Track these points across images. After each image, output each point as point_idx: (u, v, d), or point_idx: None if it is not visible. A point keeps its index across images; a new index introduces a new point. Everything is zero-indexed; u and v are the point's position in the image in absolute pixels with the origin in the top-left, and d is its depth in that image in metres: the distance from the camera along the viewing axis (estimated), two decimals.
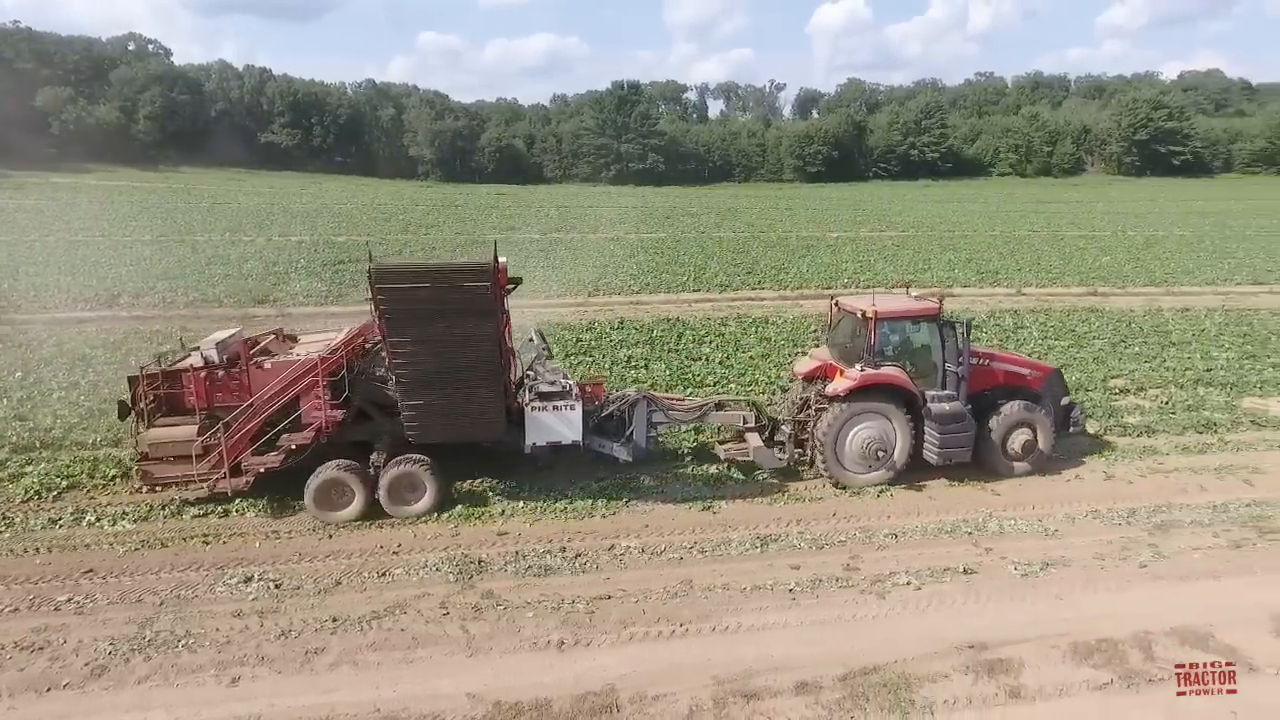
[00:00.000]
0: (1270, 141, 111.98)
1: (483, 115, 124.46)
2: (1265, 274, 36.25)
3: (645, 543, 11.68)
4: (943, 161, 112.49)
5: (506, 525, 12.24)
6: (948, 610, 9.96)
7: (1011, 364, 14.86)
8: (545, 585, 10.51)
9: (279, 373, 12.41)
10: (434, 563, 11.01)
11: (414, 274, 11.38)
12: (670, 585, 10.47)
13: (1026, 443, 13.92)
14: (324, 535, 11.88)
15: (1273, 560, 11.22)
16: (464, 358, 11.76)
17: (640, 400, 13.70)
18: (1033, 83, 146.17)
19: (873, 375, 13.26)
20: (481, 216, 59.74)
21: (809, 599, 10.19)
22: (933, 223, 57.16)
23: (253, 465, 12.30)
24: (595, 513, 12.66)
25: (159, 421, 12.53)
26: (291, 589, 10.42)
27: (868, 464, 13.56)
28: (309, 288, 31.98)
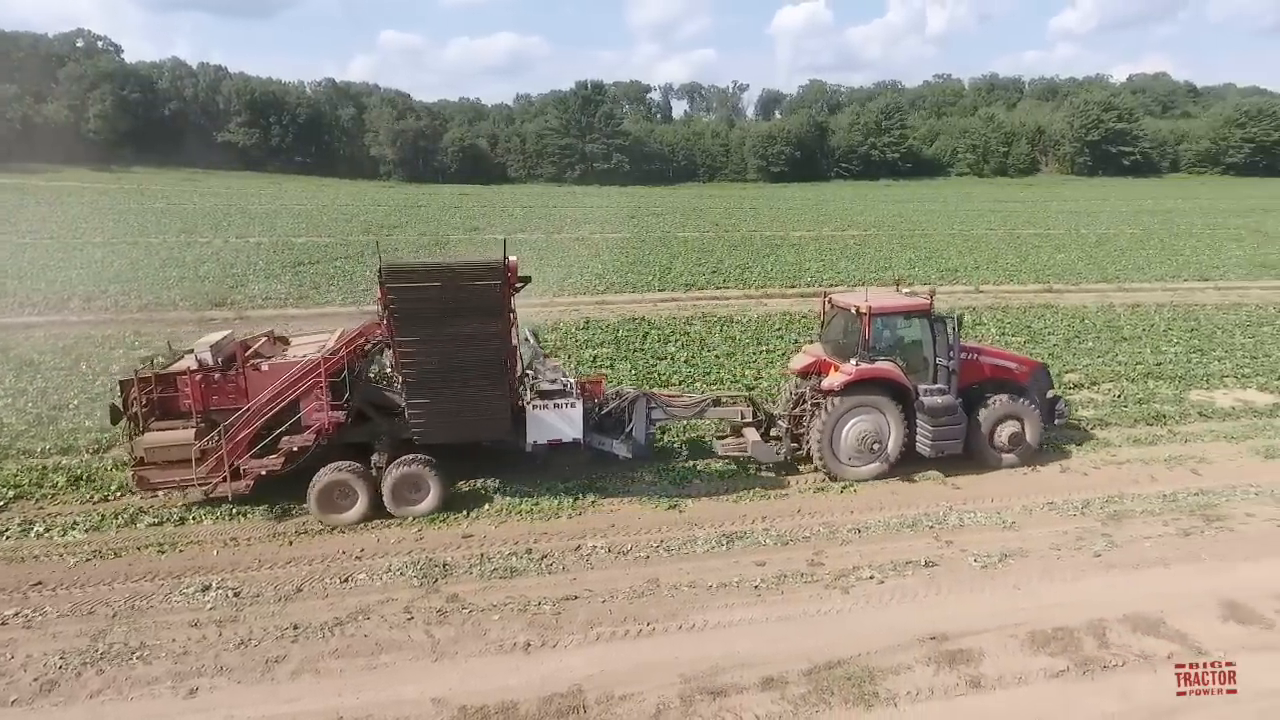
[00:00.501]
0: (1214, 143, 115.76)
1: (445, 115, 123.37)
2: (1210, 271, 37.44)
3: (611, 542, 11.66)
4: (903, 162, 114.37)
5: (472, 528, 12.14)
6: (910, 603, 10.11)
7: (999, 358, 15.16)
8: (511, 587, 10.44)
9: (277, 375, 12.26)
10: (397, 567, 10.88)
11: (425, 273, 11.32)
12: (637, 584, 10.48)
13: (1014, 435, 14.28)
14: (284, 541, 11.67)
15: (1219, 547, 11.59)
16: (472, 356, 11.75)
17: (640, 398, 13.79)
18: (989, 84, 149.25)
19: (867, 370, 13.51)
20: (445, 217, 59.19)
21: (774, 595, 10.26)
22: (893, 222, 58.03)
23: (253, 468, 12.15)
24: (561, 513, 12.61)
25: (154, 425, 12.27)
26: (251, 597, 10.21)
27: (863, 457, 13.79)
28: (268, 290, 31.38)
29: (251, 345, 13.36)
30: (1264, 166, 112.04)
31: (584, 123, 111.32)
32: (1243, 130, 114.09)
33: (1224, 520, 12.42)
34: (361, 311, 27.93)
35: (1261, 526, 12.24)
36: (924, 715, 8.12)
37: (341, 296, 30.54)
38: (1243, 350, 22.72)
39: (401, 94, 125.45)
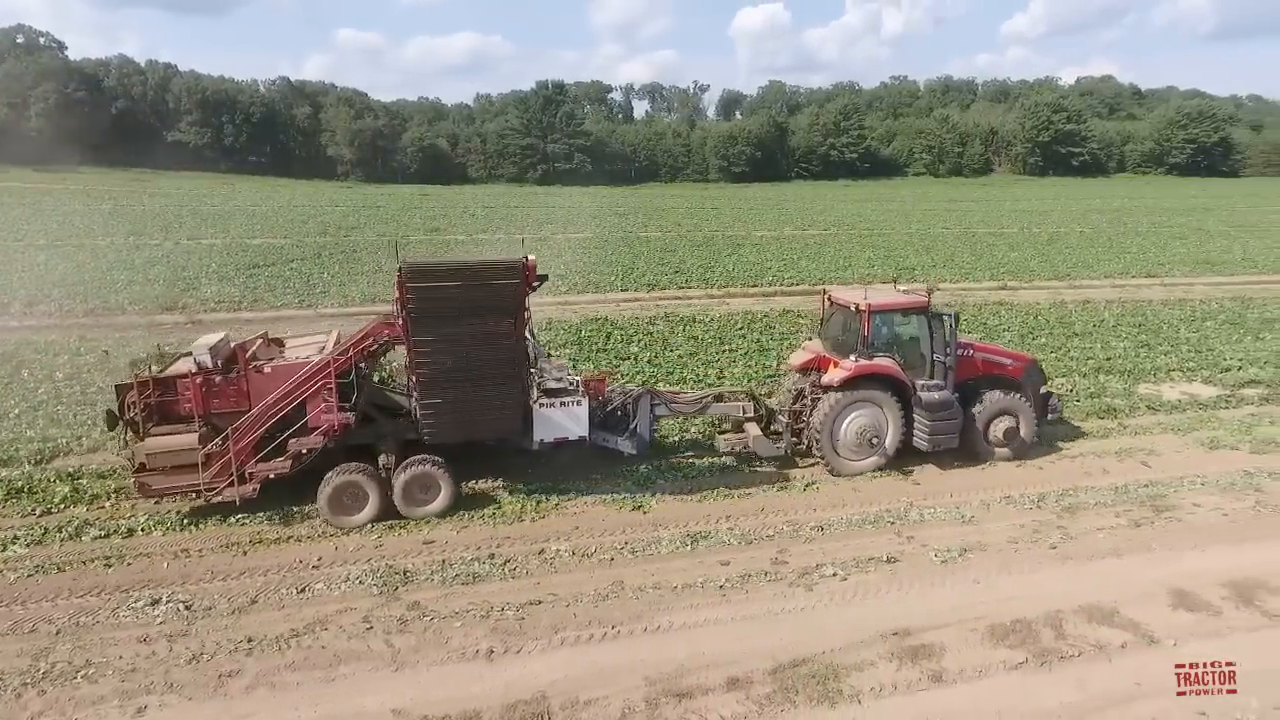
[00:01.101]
0: (1158, 144, 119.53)
1: (404, 114, 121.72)
2: (1156, 268, 38.62)
3: (576, 545, 11.57)
4: (861, 162, 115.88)
5: (433, 533, 11.93)
6: (872, 599, 10.20)
7: (993, 354, 15.48)
8: (473, 593, 10.28)
9: (280, 377, 12.07)
10: (356, 575, 10.64)
11: (446, 272, 11.29)
12: (601, 587, 10.40)
13: (1008, 430, 14.57)
14: (238, 552, 11.33)
15: (1168, 537, 11.91)
16: (489, 355, 11.79)
17: (644, 395, 13.94)
18: (943, 86, 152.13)
19: (867, 365, 13.75)
20: (404, 217, 58.39)
21: (739, 594, 10.27)
22: (853, 221, 58.78)
23: (260, 472, 11.96)
24: (525, 516, 12.47)
25: (153, 430, 11.98)
26: (203, 610, 9.90)
27: (862, 451, 14.04)
28: (221, 293, 30.60)
29: (249, 348, 13.13)
30: (1205, 166, 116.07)
31: (545, 123, 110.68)
32: (1184, 132, 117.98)
33: (1172, 511, 12.77)
34: (348, 314, 27.49)
35: (1207, 516, 12.61)
36: (887, 712, 8.18)
37: (298, 299, 29.92)
38: (1188, 345, 23.43)
39: (359, 93, 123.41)
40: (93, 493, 13.01)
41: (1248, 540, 11.80)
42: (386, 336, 12.50)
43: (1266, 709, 8.26)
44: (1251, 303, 30.22)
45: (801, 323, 26.10)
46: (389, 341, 12.65)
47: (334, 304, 29.41)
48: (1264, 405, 18.14)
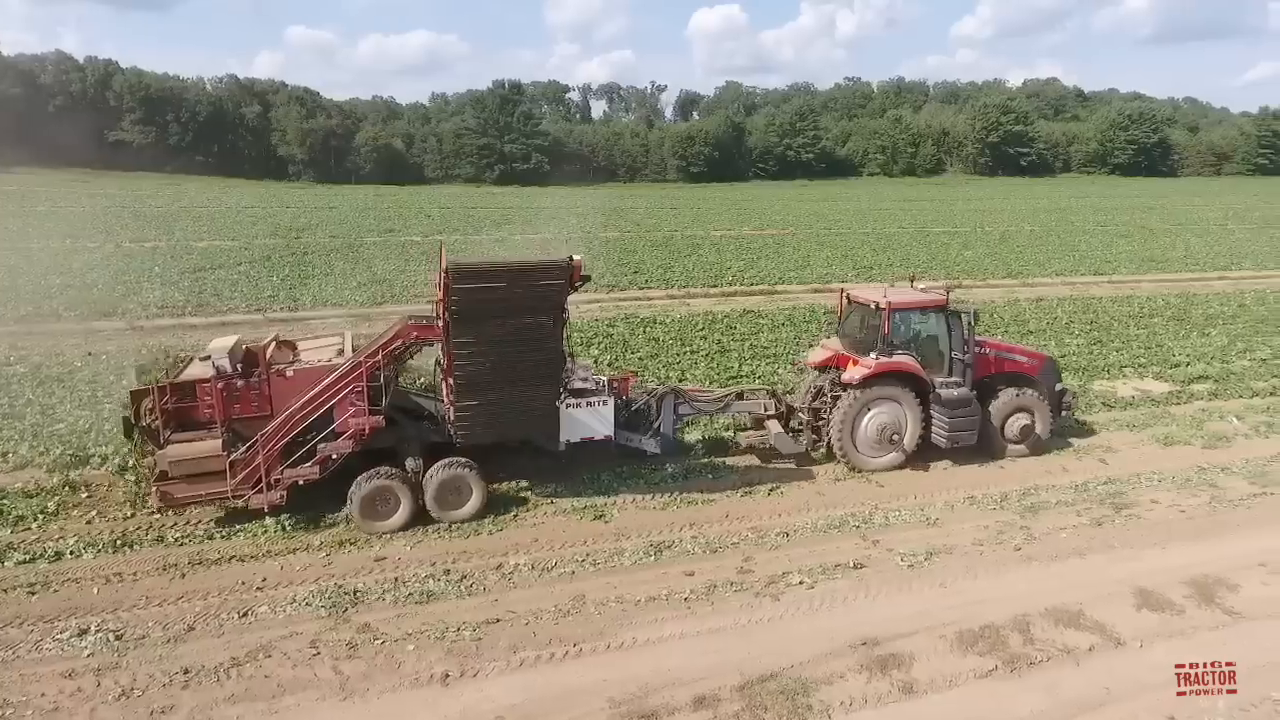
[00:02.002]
0: (1101, 144, 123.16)
1: (358, 114, 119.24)
2: (1104, 266, 39.55)
3: (535, 558, 11.15)
4: (817, 162, 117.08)
5: (385, 549, 11.39)
6: (840, 607, 9.99)
7: (1009, 352, 15.59)
8: (428, 613, 9.80)
9: (303, 381, 11.77)
10: (303, 597, 10.06)
11: (492, 272, 11.09)
12: (562, 603, 10.01)
13: (1024, 427, 14.70)
14: (175, 575, 10.66)
15: (1129, 535, 11.96)
16: (529, 356, 11.68)
17: (668, 394, 13.97)
18: (896, 88, 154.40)
19: (887, 363, 13.81)
20: (358, 219, 57.11)
21: (704, 606, 9.97)
22: (810, 221, 59.19)
23: (289, 478, 11.65)
24: (482, 529, 11.99)
25: (174, 438, 11.56)
26: (135, 639, 9.25)
27: (881, 448, 14.13)
28: (164, 297, 29.41)
29: (265, 351, 12.72)
30: (1145, 167, 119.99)
31: (502, 122, 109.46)
32: (1126, 133, 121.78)
33: (1132, 508, 12.86)
34: (298, 319, 26.54)
35: (1165, 513, 12.72)
36: None
37: (245, 303, 28.89)
38: (1138, 341, 23.90)
39: (310, 91, 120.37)
40: (17, 514, 12.17)
41: (1205, 537, 11.91)
42: (415, 338, 12.29)
43: (1233, 709, 8.24)
44: (1195, 299, 31.06)
45: (762, 323, 26.04)
46: (417, 343, 12.47)
47: (283, 308, 28.47)
48: (1213, 400, 18.51)
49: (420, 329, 12.27)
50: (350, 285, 32.22)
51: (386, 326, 13.16)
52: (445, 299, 11.12)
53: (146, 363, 13.57)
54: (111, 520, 12.08)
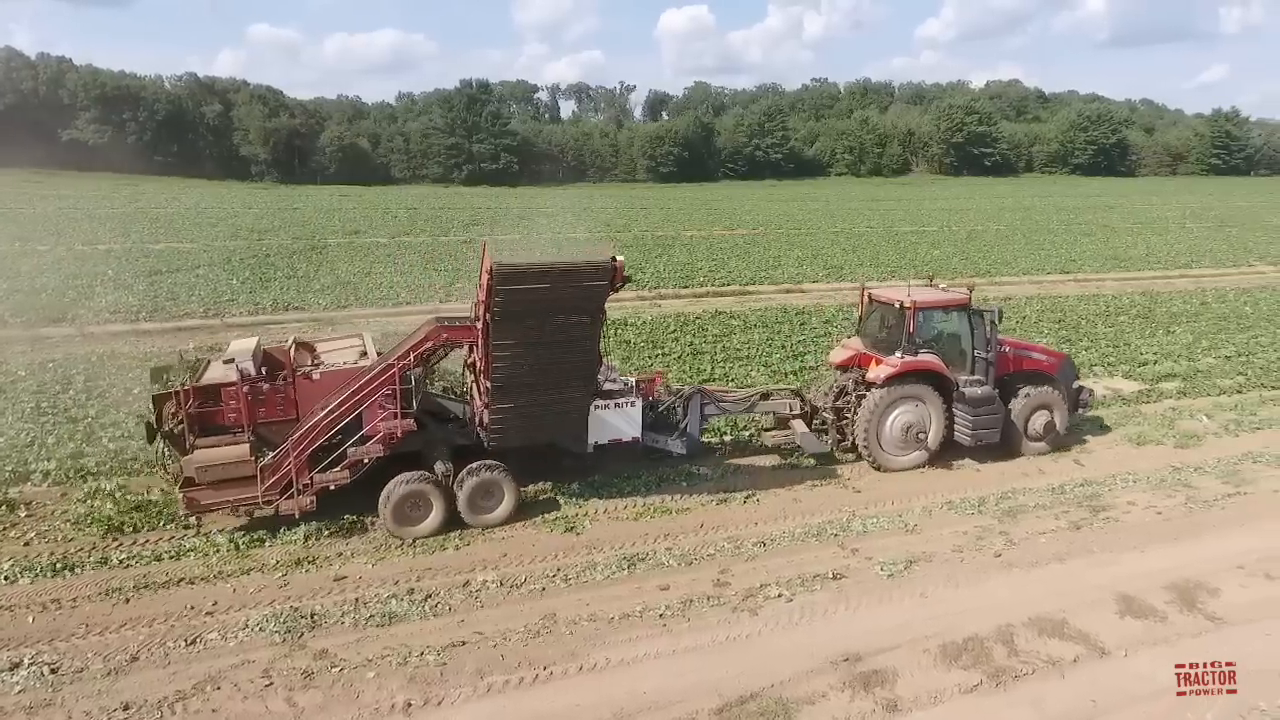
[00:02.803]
0: (1062, 145, 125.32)
1: (322, 113, 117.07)
2: (1069, 264, 39.98)
3: (504, 574, 10.68)
4: (786, 162, 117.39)
5: (345, 567, 10.84)
6: (820, 621, 9.68)
7: (1029, 350, 15.70)
8: (390, 636, 9.30)
9: (330, 383, 11.59)
10: (256, 622, 9.49)
11: (537, 273, 10.85)
12: (532, 622, 9.56)
13: (1046, 424, 14.82)
14: (119, 599, 10.02)
15: (1107, 539, 11.83)
16: (566, 358, 11.53)
17: (695, 394, 13.92)
18: (862, 89, 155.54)
19: (912, 362, 13.88)
20: (322, 220, 55.90)
21: (680, 623, 9.59)
22: (780, 221, 59.20)
23: (320, 483, 11.43)
24: (448, 545, 11.49)
25: (199, 442, 11.28)
26: (73, 672, 8.62)
27: (907, 447, 14.18)
28: (118, 302, 28.38)
29: (289, 353, 12.45)
30: (1105, 167, 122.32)
31: (470, 122, 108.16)
32: (1085, 134, 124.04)
33: (1109, 510, 12.75)
34: (258, 323, 25.66)
35: (1142, 515, 12.62)
36: None
37: (203, 307, 27.98)
38: (1105, 340, 24.05)
39: (274, 90, 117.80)
40: None
41: (1183, 539, 11.82)
42: (445, 339, 12.16)
43: (1220, 716, 8.08)
44: (1158, 297, 31.46)
45: (734, 324, 25.78)
46: (447, 345, 12.36)
47: (243, 312, 27.62)
48: (1181, 399, 18.61)
49: (450, 330, 12.15)
50: (313, 288, 31.38)
51: (414, 328, 12.86)
52: (488, 300, 10.82)
53: (161, 366, 13.04)
54: (52, 541, 11.41)
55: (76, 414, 16.62)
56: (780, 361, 21.13)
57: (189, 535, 11.61)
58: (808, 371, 20.09)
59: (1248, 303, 30.31)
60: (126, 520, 11.90)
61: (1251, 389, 19.37)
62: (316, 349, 13.26)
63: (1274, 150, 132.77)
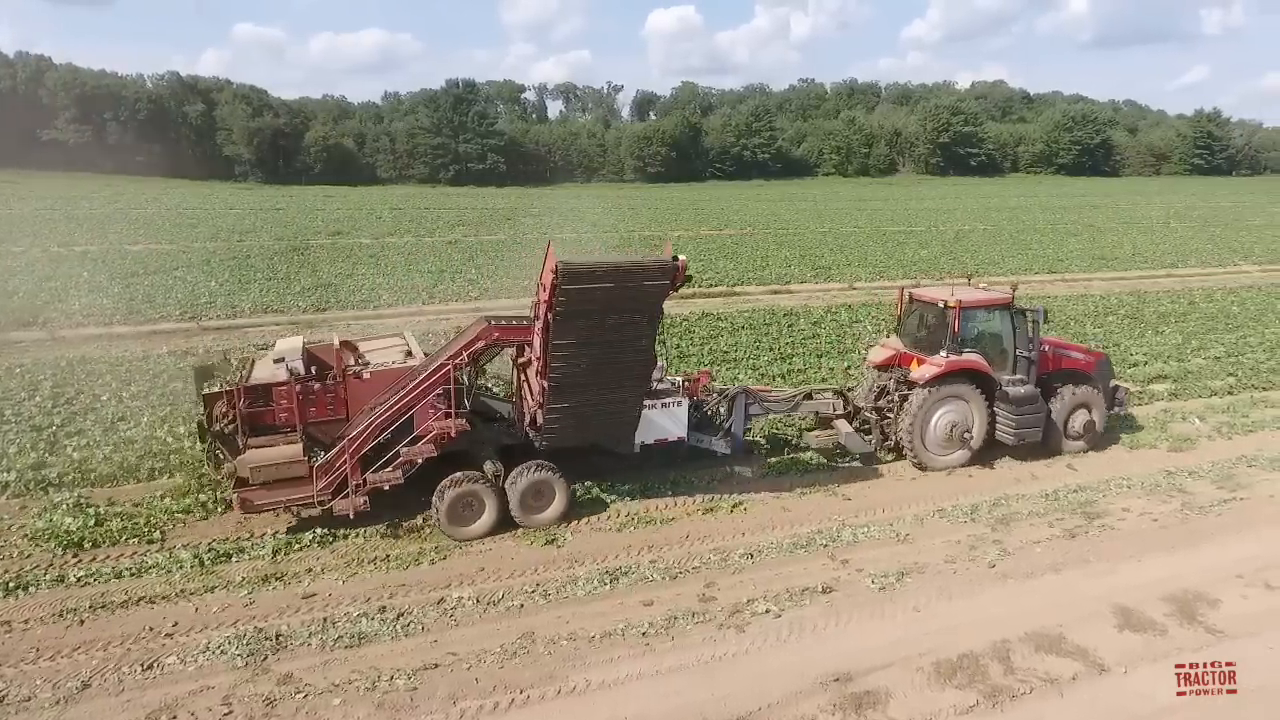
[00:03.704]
0: (1047, 145, 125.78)
1: (307, 112, 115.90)
2: (1056, 264, 39.88)
3: (480, 590, 10.24)
4: (773, 162, 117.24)
5: (315, 584, 10.37)
6: (810, 638, 9.30)
7: (1068, 349, 15.77)
8: (359, 658, 8.85)
9: (380, 383, 11.63)
10: (218, 644, 9.01)
11: (602, 272, 10.66)
12: (509, 642, 9.13)
13: (1087, 423, 14.86)
14: (73, 621, 9.52)
15: (1103, 548, 11.52)
16: (623, 358, 11.42)
17: (740, 394, 13.91)
18: (849, 89, 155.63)
19: (957, 361, 13.89)
20: (305, 220, 55.19)
21: (664, 642, 9.19)
22: (768, 221, 58.92)
23: (374, 483, 11.40)
24: (423, 559, 11.04)
25: (252, 442, 11.30)
26: (19, 702, 8.13)
27: (950, 446, 14.22)
28: (92, 304, 27.71)
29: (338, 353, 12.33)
30: (1089, 167, 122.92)
31: (456, 122, 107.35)
32: (1070, 134, 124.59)
33: (1104, 517, 12.46)
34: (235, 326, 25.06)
35: (1138, 523, 12.34)
36: None
37: (179, 310, 27.37)
38: (1095, 341, 23.80)
39: (257, 89, 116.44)
40: None
41: (1180, 547, 11.53)
42: (496, 339, 12.12)
43: None
44: (1146, 297, 31.36)
45: (721, 326, 25.42)
46: (497, 345, 12.35)
47: (220, 315, 27.04)
48: (1173, 400, 18.40)
49: (502, 330, 12.12)
50: (294, 290, 30.81)
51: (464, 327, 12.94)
52: (551, 299, 10.59)
53: (206, 365, 13.11)
54: (6, 559, 10.90)
55: (41, 422, 16.05)
56: (768, 364, 20.79)
57: (152, 550, 11.12)
58: (796, 374, 19.78)
59: (1235, 302, 30.25)
60: (88, 535, 11.41)
61: (1242, 390, 19.19)
62: (359, 348, 13.18)
63: (1255, 151, 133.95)
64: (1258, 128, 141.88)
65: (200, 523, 11.96)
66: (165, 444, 14.76)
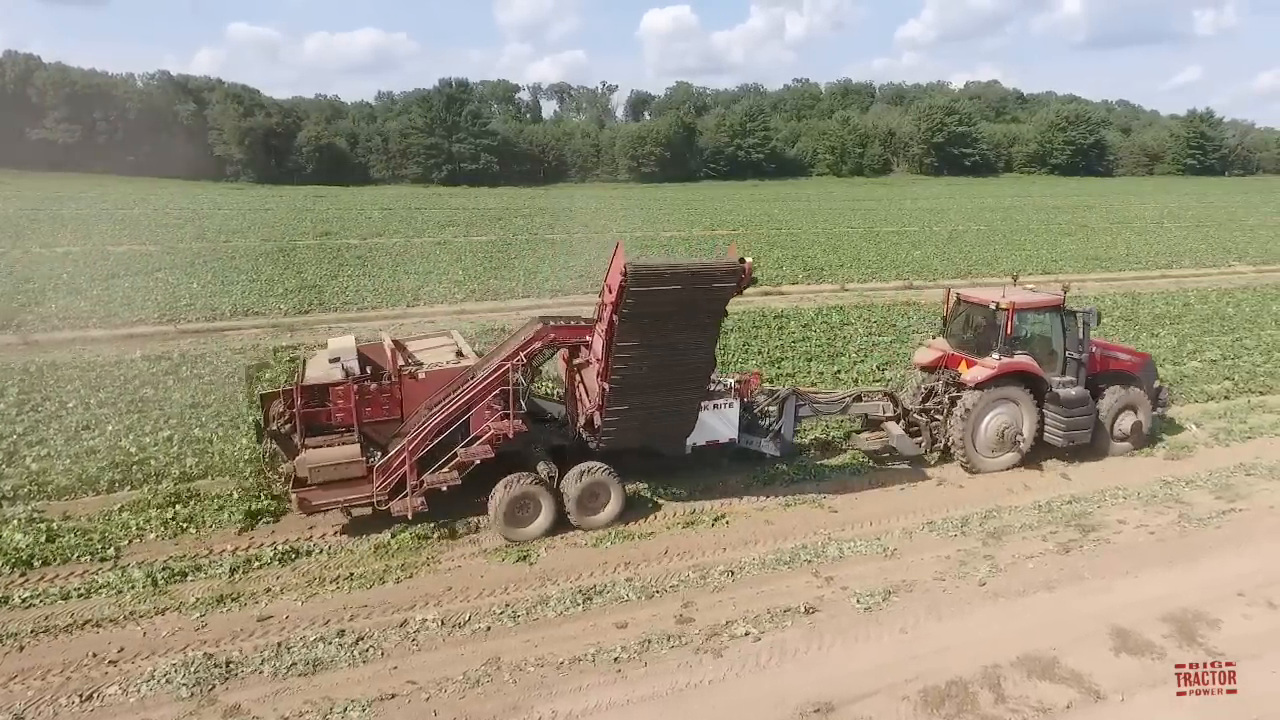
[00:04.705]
0: (1041, 145, 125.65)
1: (299, 112, 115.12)
2: (1050, 264, 39.50)
3: (446, 611, 9.74)
4: (767, 162, 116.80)
5: (271, 606, 9.85)
6: (790, 663, 8.81)
7: (1114, 351, 15.69)
8: (312, 687, 8.34)
9: (434, 383, 11.62)
10: (163, 672, 8.49)
11: (670, 274, 10.65)
12: (473, 668, 8.63)
13: (1135, 424, 14.82)
14: (13, 648, 8.98)
15: (1099, 563, 11.08)
16: (685, 359, 11.42)
17: (790, 395, 13.80)
18: (843, 89, 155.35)
19: (1010, 363, 13.81)
20: (294, 221, 54.59)
21: (636, 668, 8.70)
22: (760, 221, 58.49)
23: (433, 483, 11.40)
24: (388, 577, 10.51)
25: (309, 443, 11.33)
26: None
27: (1001, 448, 14.12)
28: (69, 307, 27.18)
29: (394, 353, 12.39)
30: (1083, 166, 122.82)
31: (450, 122, 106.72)
32: (1064, 134, 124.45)
33: (1099, 530, 12.02)
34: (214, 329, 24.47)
35: (1134, 536, 11.90)
36: None
37: (158, 312, 26.78)
38: None
39: (249, 89, 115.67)
40: None
41: (1178, 562, 11.09)
42: (553, 340, 12.12)
43: None
44: (1140, 298, 30.97)
45: None
46: (553, 346, 12.34)
47: (199, 318, 26.46)
48: (1169, 406, 17.93)
49: (559, 330, 12.10)
50: (276, 292, 30.28)
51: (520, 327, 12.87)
52: (618, 300, 10.47)
53: (257, 364, 12.46)
54: None
55: (2, 430, 15.50)
56: (756, 369, 20.27)
57: (104, 569, 10.59)
58: (785, 379, 19.29)
59: (1230, 304, 29.88)
60: (38, 552, 10.88)
61: (1239, 394, 18.79)
62: (408, 348, 13.11)
63: (1247, 151, 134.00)
64: (1250, 128, 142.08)
65: (158, 540, 11.42)
66: (129, 454, 14.21)
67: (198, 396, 17.55)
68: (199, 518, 11.91)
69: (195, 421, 15.97)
